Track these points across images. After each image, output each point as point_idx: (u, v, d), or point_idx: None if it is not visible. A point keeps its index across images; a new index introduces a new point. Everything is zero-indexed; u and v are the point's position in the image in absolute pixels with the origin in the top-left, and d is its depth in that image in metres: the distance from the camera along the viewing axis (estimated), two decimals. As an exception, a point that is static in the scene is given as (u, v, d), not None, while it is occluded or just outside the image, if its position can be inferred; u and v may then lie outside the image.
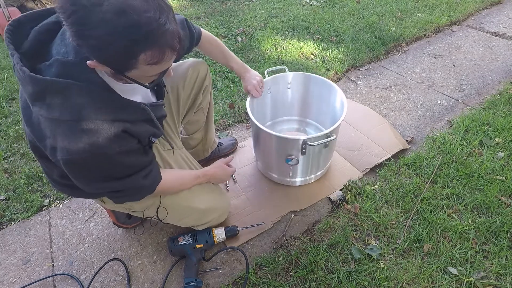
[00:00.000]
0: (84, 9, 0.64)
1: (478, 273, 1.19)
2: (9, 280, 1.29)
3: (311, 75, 1.61)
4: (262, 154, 1.56)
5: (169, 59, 0.77)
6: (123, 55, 0.70)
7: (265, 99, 1.64)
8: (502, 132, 1.75)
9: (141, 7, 0.66)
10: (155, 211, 1.16)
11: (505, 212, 1.38)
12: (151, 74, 0.80)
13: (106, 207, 1.19)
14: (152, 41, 0.70)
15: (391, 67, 2.44)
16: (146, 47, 0.70)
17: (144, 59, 0.72)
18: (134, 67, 0.74)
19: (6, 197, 1.59)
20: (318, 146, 1.32)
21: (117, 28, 0.65)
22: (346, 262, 1.27)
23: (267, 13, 3.22)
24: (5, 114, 2.12)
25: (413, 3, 3.26)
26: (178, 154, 1.26)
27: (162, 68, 0.79)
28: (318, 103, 1.67)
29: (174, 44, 0.74)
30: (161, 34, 0.70)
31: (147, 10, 0.67)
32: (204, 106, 1.44)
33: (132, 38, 0.68)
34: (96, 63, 0.73)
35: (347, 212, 1.44)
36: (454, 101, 2.08)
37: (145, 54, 0.71)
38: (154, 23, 0.68)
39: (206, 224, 1.30)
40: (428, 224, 1.36)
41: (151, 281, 1.26)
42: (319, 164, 1.51)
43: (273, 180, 1.59)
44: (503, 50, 2.54)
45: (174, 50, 0.75)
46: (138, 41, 0.69)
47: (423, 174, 1.58)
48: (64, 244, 1.40)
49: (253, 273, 1.24)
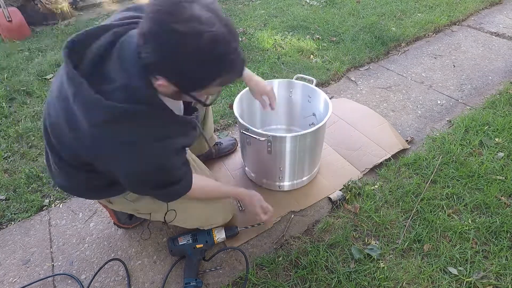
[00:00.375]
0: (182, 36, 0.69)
1: (478, 273, 1.19)
2: (9, 280, 1.29)
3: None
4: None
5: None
6: (206, 79, 0.77)
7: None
8: (502, 132, 1.75)
9: (228, 37, 0.73)
10: (163, 214, 1.17)
11: (505, 212, 1.38)
12: (211, 93, 0.88)
13: (113, 207, 1.20)
14: (232, 68, 0.78)
15: (391, 67, 2.44)
16: (226, 72, 0.78)
17: (218, 82, 0.79)
18: (205, 88, 0.80)
19: (6, 197, 1.59)
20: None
21: (209, 57, 0.72)
22: (346, 262, 1.26)
23: (267, 13, 3.22)
24: (5, 114, 2.12)
25: (413, 3, 3.26)
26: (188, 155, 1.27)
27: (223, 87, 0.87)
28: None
29: (241, 69, 0.82)
30: (237, 61, 0.78)
31: (232, 40, 0.74)
32: None
33: (219, 67, 0.75)
34: (165, 82, 0.76)
35: (347, 212, 1.44)
36: (454, 101, 2.08)
37: (221, 78, 0.78)
38: (236, 52, 0.75)
39: (213, 225, 1.31)
40: (428, 224, 1.36)
41: (151, 281, 1.26)
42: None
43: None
44: (503, 50, 2.54)
45: (240, 74, 0.83)
46: (223, 69, 0.76)
47: (423, 174, 1.58)
48: (64, 244, 1.40)
49: (253, 273, 1.24)
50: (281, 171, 1.46)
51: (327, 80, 2.30)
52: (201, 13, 0.70)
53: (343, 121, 1.92)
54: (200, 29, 0.69)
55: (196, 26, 0.69)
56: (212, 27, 0.70)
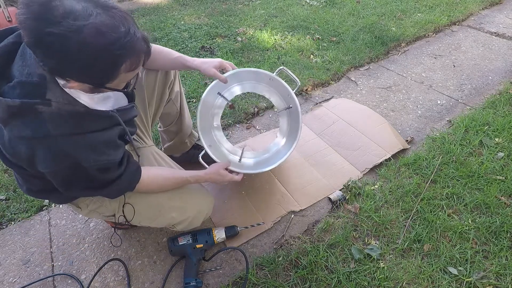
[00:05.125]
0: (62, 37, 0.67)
1: (478, 273, 1.20)
2: (9, 280, 1.29)
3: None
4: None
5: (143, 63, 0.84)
6: (108, 70, 0.77)
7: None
8: (502, 132, 1.75)
9: (113, 24, 0.71)
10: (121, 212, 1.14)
11: (505, 212, 1.38)
12: (127, 80, 0.86)
13: (82, 214, 1.17)
14: (131, 51, 0.76)
15: (391, 67, 2.44)
16: (127, 57, 0.76)
17: (124, 68, 0.78)
18: (115, 78, 0.79)
19: (6, 197, 1.59)
20: None
21: (100, 48, 0.71)
22: (346, 262, 1.27)
23: (267, 13, 3.22)
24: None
25: (413, 3, 3.26)
26: (149, 152, 1.26)
27: (137, 72, 0.85)
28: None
29: (145, 48, 0.81)
30: (136, 42, 0.76)
31: (118, 25, 0.72)
32: (173, 98, 1.40)
33: (115, 54, 0.73)
34: (75, 83, 0.76)
35: (347, 212, 1.44)
36: (454, 101, 2.08)
37: (125, 64, 0.77)
38: (128, 34, 0.74)
39: (185, 222, 1.20)
40: (428, 224, 1.36)
41: (151, 281, 1.26)
42: None
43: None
44: (503, 50, 2.54)
45: (147, 54, 0.82)
46: (121, 55, 0.75)
47: (423, 174, 1.58)
48: (64, 244, 1.40)
49: (253, 273, 1.24)
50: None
51: (327, 80, 2.30)
52: (74, 6, 0.67)
53: (343, 121, 1.92)
54: (76, 26, 0.66)
55: (71, 23, 0.66)
56: (89, 19, 0.68)
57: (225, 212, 1.47)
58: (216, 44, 2.74)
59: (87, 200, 1.11)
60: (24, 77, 0.78)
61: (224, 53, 2.58)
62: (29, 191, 1.03)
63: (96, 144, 0.87)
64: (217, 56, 2.58)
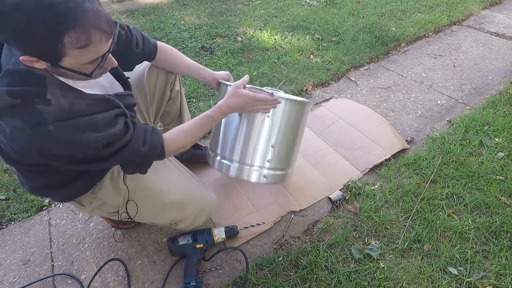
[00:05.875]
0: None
1: (478, 273, 1.20)
2: (9, 280, 1.29)
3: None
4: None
5: (99, 41, 0.73)
6: (47, 39, 0.68)
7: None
8: (502, 132, 1.75)
9: None
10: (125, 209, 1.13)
11: (505, 212, 1.38)
12: (85, 61, 0.76)
13: (85, 211, 1.17)
14: (74, 21, 0.67)
15: (391, 67, 2.44)
16: (68, 28, 0.67)
17: (70, 41, 0.69)
18: (64, 53, 0.71)
19: (6, 197, 1.59)
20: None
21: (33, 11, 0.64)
22: (346, 262, 1.27)
23: (267, 13, 3.22)
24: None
25: (413, 3, 3.26)
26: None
27: (96, 52, 0.75)
28: None
29: (99, 24, 0.71)
30: (82, 13, 0.68)
31: None
32: (174, 96, 1.40)
33: (50, 19, 0.65)
34: (28, 57, 0.71)
35: (347, 212, 1.44)
36: (454, 101, 2.08)
37: (69, 36, 0.68)
38: (71, 2, 0.66)
39: (187, 220, 1.20)
40: (428, 224, 1.36)
41: (151, 281, 1.26)
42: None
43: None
44: (503, 50, 2.54)
45: (102, 31, 0.72)
46: (58, 22, 0.66)
47: (423, 174, 1.58)
48: (64, 244, 1.40)
49: (253, 273, 1.24)
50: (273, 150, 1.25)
51: (327, 80, 2.30)
52: None
53: (343, 121, 1.92)
54: None
55: None
56: None
57: (225, 212, 1.47)
58: (216, 44, 2.74)
59: (90, 198, 1.11)
60: (11, 65, 0.76)
61: (224, 53, 2.58)
62: (31, 188, 1.01)
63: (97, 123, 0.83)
64: (217, 56, 2.58)
